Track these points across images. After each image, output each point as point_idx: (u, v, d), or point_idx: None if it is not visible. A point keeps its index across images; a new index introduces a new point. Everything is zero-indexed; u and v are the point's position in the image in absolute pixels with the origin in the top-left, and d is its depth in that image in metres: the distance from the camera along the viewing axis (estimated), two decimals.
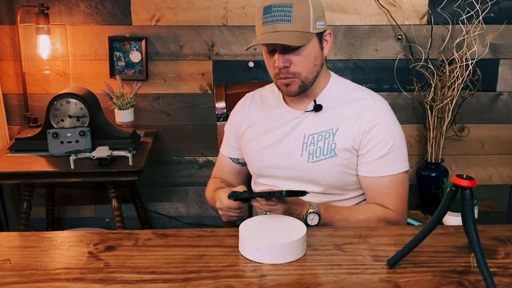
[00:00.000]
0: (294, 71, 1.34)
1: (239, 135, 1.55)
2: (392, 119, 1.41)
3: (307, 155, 1.39)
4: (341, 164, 1.39)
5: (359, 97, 1.42)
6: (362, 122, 1.37)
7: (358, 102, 1.41)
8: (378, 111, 1.39)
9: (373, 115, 1.38)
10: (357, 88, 1.46)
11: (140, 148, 2.24)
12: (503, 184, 2.70)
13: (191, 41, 2.48)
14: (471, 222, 0.97)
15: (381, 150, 1.37)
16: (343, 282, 1.01)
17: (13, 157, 2.15)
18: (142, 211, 2.54)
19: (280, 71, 1.35)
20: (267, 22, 1.32)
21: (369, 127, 1.37)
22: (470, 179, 0.98)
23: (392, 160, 1.38)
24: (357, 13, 2.47)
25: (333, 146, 1.38)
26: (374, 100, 1.41)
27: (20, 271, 1.06)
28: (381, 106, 1.41)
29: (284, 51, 1.33)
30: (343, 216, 1.35)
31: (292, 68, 1.34)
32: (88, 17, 2.44)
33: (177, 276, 1.04)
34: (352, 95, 1.43)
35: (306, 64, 1.35)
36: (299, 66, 1.34)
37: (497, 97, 2.58)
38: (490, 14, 2.39)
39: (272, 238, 1.12)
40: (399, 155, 1.39)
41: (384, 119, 1.39)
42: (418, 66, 2.45)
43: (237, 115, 1.57)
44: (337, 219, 1.34)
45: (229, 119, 1.60)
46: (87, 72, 2.50)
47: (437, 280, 1.02)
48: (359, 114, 1.38)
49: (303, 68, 1.35)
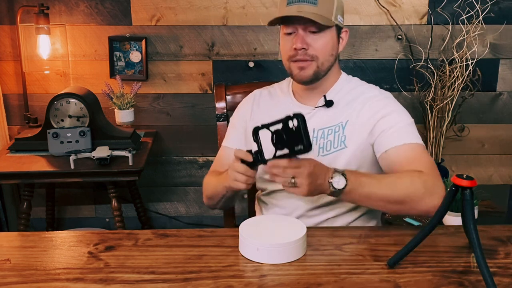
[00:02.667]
0: (312, 54, 1.33)
1: (248, 129, 1.51)
2: (401, 107, 1.41)
3: (317, 149, 1.38)
4: (352, 155, 1.37)
5: (367, 91, 1.43)
6: (371, 111, 1.37)
7: (365, 95, 1.41)
8: (386, 102, 1.40)
9: (382, 104, 1.38)
10: (365, 85, 1.48)
11: (140, 148, 2.24)
12: (503, 184, 2.70)
13: (191, 41, 2.48)
14: (471, 222, 0.97)
15: (395, 126, 1.34)
16: (343, 282, 1.01)
17: (13, 157, 2.15)
18: (142, 211, 2.54)
19: (297, 53, 1.33)
20: (293, 2, 1.32)
21: (379, 115, 1.36)
22: (470, 179, 0.98)
23: (408, 133, 1.34)
24: (357, 13, 2.47)
25: (343, 138, 1.37)
26: (380, 93, 1.43)
27: (20, 271, 1.06)
28: (389, 98, 1.43)
29: (304, 32, 1.32)
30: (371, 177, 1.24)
31: (311, 51, 1.33)
32: (88, 17, 2.44)
33: (177, 276, 1.04)
34: (360, 90, 1.44)
35: (324, 49, 1.34)
36: (318, 49, 1.34)
37: (497, 97, 2.58)
38: (490, 14, 2.39)
39: (272, 238, 1.12)
40: (414, 131, 1.36)
41: (394, 107, 1.39)
42: (418, 66, 2.45)
43: (246, 109, 1.54)
44: (365, 181, 1.21)
45: (237, 113, 1.56)
46: (87, 72, 2.50)
47: (437, 280, 1.02)
48: (367, 105, 1.39)
49: (322, 52, 1.34)
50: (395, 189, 1.21)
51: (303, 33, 1.33)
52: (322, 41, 1.34)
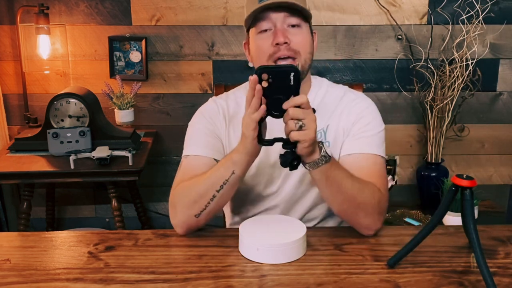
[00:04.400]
0: (295, 49, 1.26)
1: (223, 138, 1.37)
2: (376, 112, 1.38)
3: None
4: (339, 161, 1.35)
5: (344, 95, 1.39)
6: (350, 113, 1.34)
7: (343, 99, 1.37)
8: (364, 106, 1.37)
9: (360, 108, 1.35)
10: (337, 86, 1.43)
11: (140, 148, 2.24)
12: (503, 184, 2.70)
13: (191, 41, 2.48)
14: (471, 222, 0.97)
15: (369, 131, 1.32)
16: (343, 282, 1.01)
17: (13, 157, 2.15)
18: (142, 211, 2.54)
19: (279, 48, 1.25)
20: None
21: (357, 117, 1.34)
22: (470, 179, 0.98)
23: (377, 142, 1.32)
24: (357, 13, 2.47)
25: (327, 145, 1.31)
26: (357, 96, 1.39)
27: (20, 271, 1.06)
28: (367, 101, 1.39)
29: (283, 27, 1.26)
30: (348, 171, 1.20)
31: (293, 45, 1.25)
32: (88, 17, 2.44)
33: (177, 276, 1.04)
34: (336, 94, 1.39)
35: (306, 44, 1.28)
36: (299, 44, 1.26)
37: (497, 97, 2.58)
38: (490, 14, 2.39)
39: (272, 238, 1.12)
40: (382, 142, 1.34)
41: (370, 111, 1.36)
42: (418, 66, 2.45)
43: (219, 120, 1.38)
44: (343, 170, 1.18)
45: (208, 122, 1.37)
46: (87, 72, 2.50)
47: (437, 280, 1.02)
48: (347, 109, 1.35)
49: (303, 48, 1.27)
50: (360, 193, 1.19)
51: (282, 28, 1.26)
52: (302, 36, 1.27)
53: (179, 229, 1.23)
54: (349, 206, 1.19)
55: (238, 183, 1.19)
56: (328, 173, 1.14)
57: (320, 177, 1.15)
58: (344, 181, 1.17)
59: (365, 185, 1.21)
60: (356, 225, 1.22)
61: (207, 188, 1.19)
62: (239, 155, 1.15)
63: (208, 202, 1.19)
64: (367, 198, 1.19)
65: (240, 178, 1.18)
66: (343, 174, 1.18)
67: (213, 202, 1.19)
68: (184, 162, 1.34)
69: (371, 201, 1.20)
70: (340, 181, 1.17)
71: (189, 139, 1.37)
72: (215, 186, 1.18)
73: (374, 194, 1.21)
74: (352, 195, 1.18)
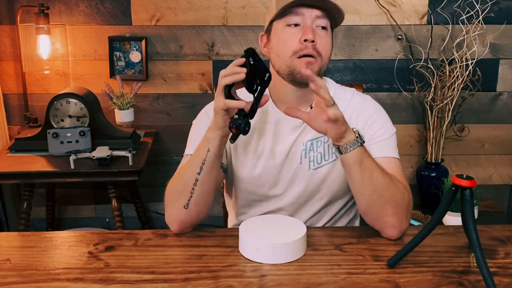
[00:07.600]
0: (319, 50, 1.24)
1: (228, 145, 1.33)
2: (385, 115, 1.38)
3: (307, 162, 1.32)
4: None
5: (352, 98, 1.37)
6: (358, 116, 1.33)
7: (351, 102, 1.36)
8: (374, 110, 1.36)
9: (369, 113, 1.34)
10: (342, 88, 1.41)
11: (140, 148, 2.24)
12: (503, 184, 2.70)
13: (191, 41, 2.48)
14: (471, 222, 0.97)
15: (382, 135, 1.32)
16: (343, 282, 1.01)
17: (13, 157, 2.15)
18: (142, 211, 2.54)
19: (305, 46, 1.22)
20: None
21: (368, 121, 1.33)
22: (470, 179, 0.98)
23: (392, 145, 1.32)
24: (357, 13, 2.47)
25: (334, 149, 1.28)
26: (364, 100, 1.38)
27: (20, 271, 1.06)
28: (374, 103, 1.38)
29: (311, 26, 1.24)
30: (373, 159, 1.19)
31: (318, 46, 1.24)
32: (88, 17, 2.44)
33: (177, 276, 1.04)
34: (341, 95, 1.37)
35: (328, 48, 1.27)
36: (324, 46, 1.25)
37: (497, 97, 2.58)
38: (490, 14, 2.39)
39: (272, 238, 1.12)
40: (395, 144, 1.34)
41: (380, 115, 1.36)
42: (418, 66, 2.45)
43: None
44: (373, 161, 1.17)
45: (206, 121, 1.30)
46: (87, 72, 2.50)
47: (437, 280, 1.02)
48: (356, 113, 1.34)
49: (326, 51, 1.26)
50: (390, 187, 1.18)
51: (312, 27, 1.24)
52: (327, 39, 1.27)
53: (173, 225, 1.23)
54: (379, 199, 1.17)
55: (216, 163, 1.20)
56: (362, 158, 1.15)
57: (354, 161, 1.15)
58: (376, 170, 1.16)
59: (396, 181, 1.20)
60: (382, 224, 1.19)
61: (189, 174, 1.21)
62: (211, 132, 1.18)
63: (193, 188, 1.20)
64: (397, 194, 1.18)
65: (216, 156, 1.19)
66: (374, 162, 1.17)
67: (197, 188, 1.20)
68: (182, 161, 1.36)
69: (401, 199, 1.19)
70: (372, 168, 1.16)
71: (191, 138, 1.39)
72: (196, 169, 1.19)
73: (404, 193, 1.20)
74: (383, 187, 1.17)
